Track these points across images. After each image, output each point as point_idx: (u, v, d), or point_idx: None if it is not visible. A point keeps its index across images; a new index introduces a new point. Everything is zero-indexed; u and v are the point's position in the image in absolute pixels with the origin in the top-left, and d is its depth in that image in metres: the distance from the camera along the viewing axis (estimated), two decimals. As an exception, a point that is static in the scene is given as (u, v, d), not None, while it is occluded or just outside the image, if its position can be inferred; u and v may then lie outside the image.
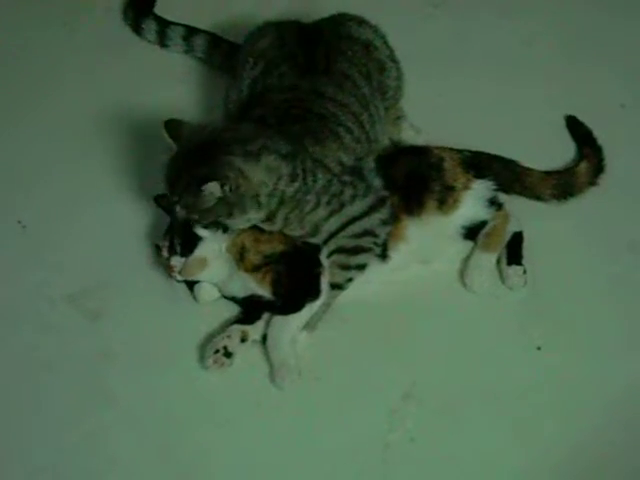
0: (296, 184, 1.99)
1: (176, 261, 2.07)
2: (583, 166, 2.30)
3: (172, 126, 2.02)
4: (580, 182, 2.29)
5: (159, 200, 2.13)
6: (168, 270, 2.09)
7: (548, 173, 2.29)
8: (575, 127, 2.40)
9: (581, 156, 2.33)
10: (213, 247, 2.09)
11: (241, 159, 1.94)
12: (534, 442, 1.97)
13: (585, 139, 2.36)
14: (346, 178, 2.09)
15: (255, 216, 2.00)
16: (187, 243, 2.06)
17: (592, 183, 2.29)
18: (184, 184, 1.94)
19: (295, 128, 2.07)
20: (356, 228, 2.09)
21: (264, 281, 2.08)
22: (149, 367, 2.07)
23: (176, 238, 2.07)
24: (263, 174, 1.95)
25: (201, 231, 2.07)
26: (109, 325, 2.14)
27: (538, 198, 2.26)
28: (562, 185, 2.27)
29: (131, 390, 2.05)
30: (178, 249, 2.07)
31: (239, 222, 2.01)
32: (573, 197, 2.27)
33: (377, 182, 2.13)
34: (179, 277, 2.09)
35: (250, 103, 2.20)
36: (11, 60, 2.64)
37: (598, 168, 2.31)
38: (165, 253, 2.08)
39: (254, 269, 2.08)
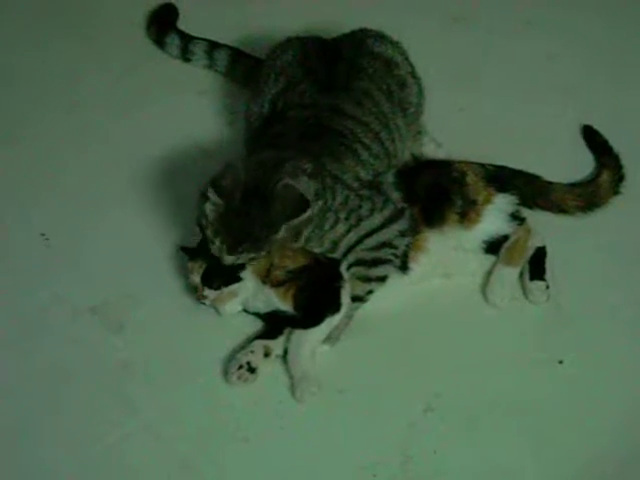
0: (320, 202, 2.00)
1: (209, 293, 2.08)
2: (605, 176, 2.31)
3: (221, 185, 1.93)
4: (604, 192, 2.29)
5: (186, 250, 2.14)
6: (197, 295, 2.09)
7: (572, 185, 2.29)
8: (591, 136, 2.41)
9: (601, 166, 2.34)
10: (245, 280, 2.09)
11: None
12: (555, 456, 1.96)
13: (601, 148, 2.37)
14: (364, 192, 2.10)
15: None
16: (225, 280, 2.06)
17: (615, 192, 2.30)
18: (256, 234, 1.93)
19: (313, 145, 2.08)
20: (374, 241, 2.09)
21: (287, 296, 2.08)
22: (171, 380, 2.07)
23: (216, 276, 2.06)
24: (307, 193, 1.96)
25: (243, 273, 2.08)
26: (131, 337, 2.14)
27: (563, 211, 2.27)
28: (587, 196, 2.27)
29: (153, 403, 2.05)
30: (214, 285, 2.07)
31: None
32: (598, 208, 2.28)
33: (396, 195, 2.13)
34: (207, 303, 2.09)
35: (271, 120, 2.21)
36: (32, 72, 2.66)
37: (619, 177, 2.31)
38: (196, 278, 2.08)
39: (278, 284, 2.09)
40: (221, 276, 2.06)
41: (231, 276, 2.07)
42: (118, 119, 2.52)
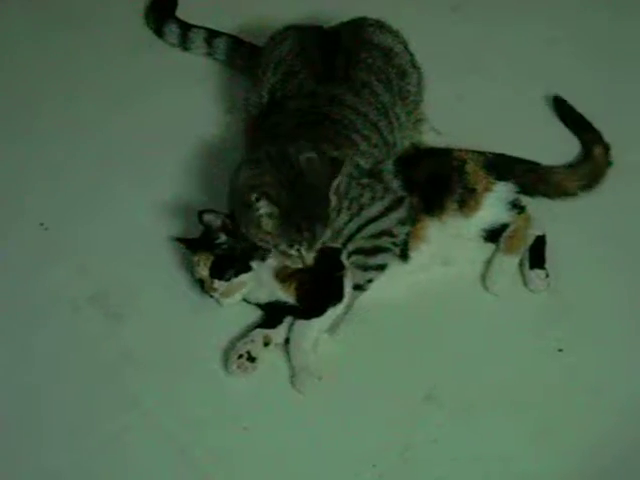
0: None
1: (219, 285, 2.06)
2: (597, 150, 2.31)
3: (269, 193, 1.94)
4: (600, 166, 2.29)
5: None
6: (206, 287, 2.08)
7: (571, 166, 2.30)
8: (563, 110, 2.42)
9: (589, 143, 2.33)
10: (255, 271, 2.09)
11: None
12: (554, 444, 1.97)
13: (578, 123, 2.38)
14: (364, 181, 2.10)
15: None
16: (236, 270, 2.06)
17: (609, 163, 2.30)
18: (318, 214, 1.96)
19: (311, 133, 2.08)
20: (373, 229, 2.09)
21: (290, 287, 2.08)
22: (171, 370, 2.08)
23: (227, 267, 2.05)
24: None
25: (254, 263, 2.07)
26: (131, 327, 2.15)
27: (565, 194, 2.27)
28: (588, 174, 2.28)
29: (153, 393, 2.05)
30: (226, 276, 2.05)
31: None
32: (598, 184, 2.27)
33: (395, 183, 2.13)
34: (216, 295, 2.08)
35: (270, 109, 2.21)
36: (33, 62, 2.66)
37: (606, 147, 2.31)
38: (203, 272, 2.06)
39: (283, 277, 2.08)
40: (232, 267, 2.05)
41: (242, 266, 2.06)
42: (117, 108, 2.51)
